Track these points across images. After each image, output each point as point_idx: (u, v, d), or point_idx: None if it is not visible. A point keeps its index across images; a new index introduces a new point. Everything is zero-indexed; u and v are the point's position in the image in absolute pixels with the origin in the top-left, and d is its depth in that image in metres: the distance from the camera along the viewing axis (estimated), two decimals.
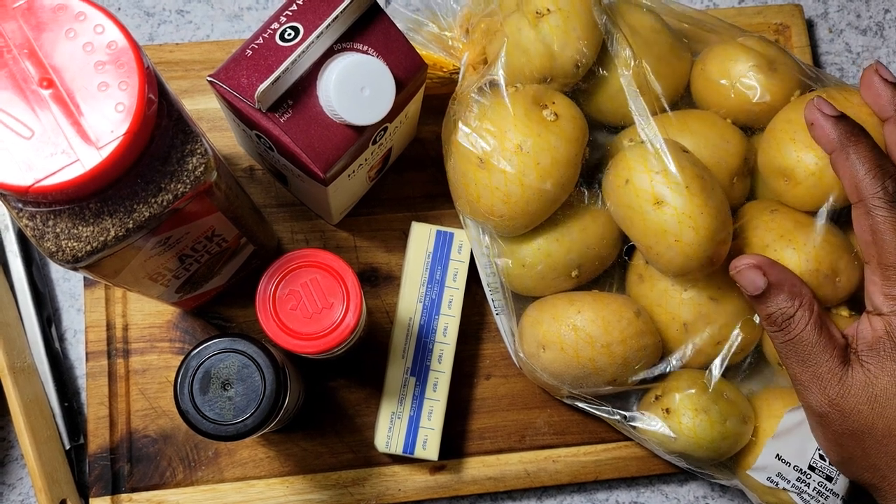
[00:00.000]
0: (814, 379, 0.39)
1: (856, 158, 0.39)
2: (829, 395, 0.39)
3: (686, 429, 0.45)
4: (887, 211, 0.38)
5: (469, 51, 0.47)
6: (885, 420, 0.37)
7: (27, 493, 0.52)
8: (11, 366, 0.50)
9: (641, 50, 0.46)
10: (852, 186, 0.39)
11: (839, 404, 0.38)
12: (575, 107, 0.45)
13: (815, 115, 0.40)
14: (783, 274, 0.40)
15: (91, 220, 0.32)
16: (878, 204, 0.38)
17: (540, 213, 0.45)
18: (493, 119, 0.44)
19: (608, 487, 0.54)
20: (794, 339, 0.39)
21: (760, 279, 0.40)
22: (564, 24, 0.43)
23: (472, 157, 0.44)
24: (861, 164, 0.39)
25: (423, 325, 0.50)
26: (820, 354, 0.39)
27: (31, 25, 0.30)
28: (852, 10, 0.62)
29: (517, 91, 0.44)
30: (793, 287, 0.40)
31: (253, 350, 0.39)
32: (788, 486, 0.46)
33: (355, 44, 0.41)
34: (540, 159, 0.43)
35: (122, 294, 0.52)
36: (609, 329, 0.44)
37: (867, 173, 0.38)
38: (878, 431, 0.38)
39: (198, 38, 0.58)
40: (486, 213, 0.45)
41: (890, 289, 0.38)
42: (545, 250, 0.46)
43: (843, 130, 0.39)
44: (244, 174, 0.54)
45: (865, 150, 0.39)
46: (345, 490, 0.51)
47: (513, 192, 0.43)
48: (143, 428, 0.51)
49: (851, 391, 0.38)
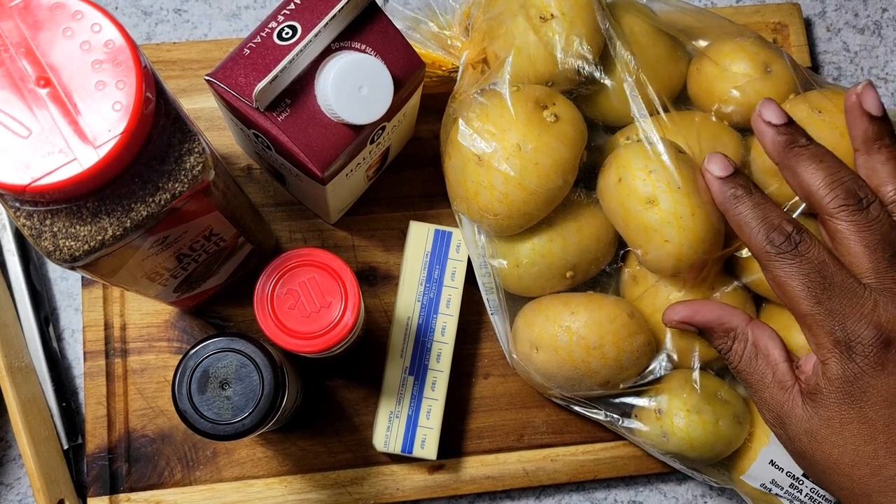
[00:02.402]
0: (762, 402, 0.40)
1: (742, 217, 0.39)
2: (776, 417, 0.39)
3: (678, 430, 0.45)
4: (781, 264, 0.37)
5: (468, 49, 0.47)
6: (823, 454, 0.37)
7: (25, 493, 0.52)
8: (9, 366, 0.49)
9: (638, 51, 0.46)
10: (746, 243, 0.39)
11: (786, 428, 0.39)
12: (575, 109, 0.45)
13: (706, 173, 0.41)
14: (709, 315, 0.41)
15: (88, 219, 0.32)
16: (770, 257, 0.38)
17: (536, 214, 0.45)
18: (493, 119, 0.44)
19: (606, 486, 0.54)
20: (737, 368, 0.41)
21: (689, 328, 0.42)
22: (568, 29, 0.43)
23: (470, 155, 0.44)
24: (751, 218, 0.39)
25: (421, 325, 0.50)
26: (760, 381, 0.39)
27: (28, 24, 0.30)
28: (850, 9, 0.62)
29: (518, 91, 0.44)
30: (721, 324, 0.41)
31: (251, 349, 0.39)
32: (781, 493, 0.46)
33: (353, 43, 0.41)
34: (539, 160, 0.43)
35: (119, 293, 0.52)
36: (602, 331, 0.44)
37: (755, 227, 0.38)
38: (818, 463, 0.38)
39: (195, 37, 0.58)
40: (483, 212, 0.45)
41: (815, 338, 0.37)
42: (540, 250, 0.46)
43: (730, 189, 0.40)
44: (242, 173, 0.54)
45: (749, 207, 0.39)
46: (343, 489, 0.51)
47: (510, 192, 0.43)
48: (142, 427, 0.51)
49: (792, 419, 0.38)
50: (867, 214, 0.37)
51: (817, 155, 0.39)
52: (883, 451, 0.36)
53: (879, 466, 0.36)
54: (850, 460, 0.36)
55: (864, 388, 0.36)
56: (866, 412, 0.36)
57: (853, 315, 0.36)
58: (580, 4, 0.44)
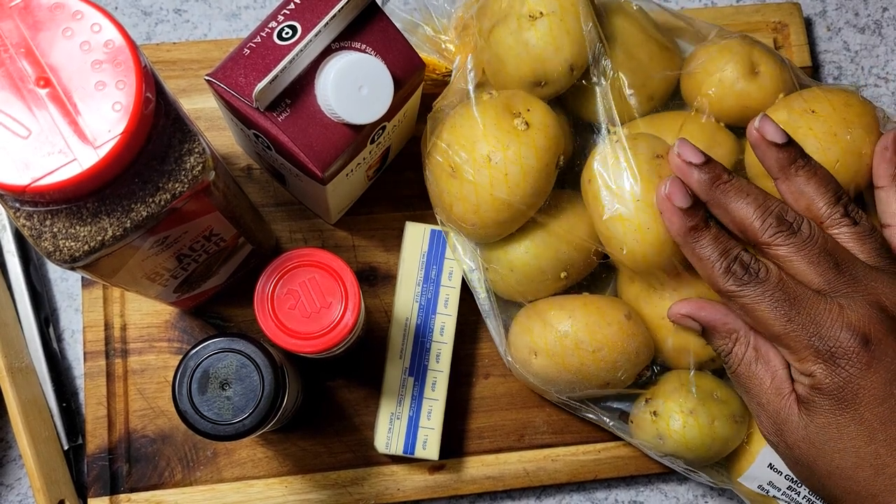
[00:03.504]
0: (759, 408, 0.40)
1: (701, 252, 0.39)
2: (773, 424, 0.39)
3: (674, 431, 0.45)
4: (746, 294, 0.38)
5: (461, 54, 0.47)
6: (824, 461, 0.37)
7: (25, 494, 0.52)
8: (9, 366, 0.49)
9: (630, 50, 0.46)
10: (707, 279, 0.40)
11: (783, 436, 0.39)
12: (550, 114, 0.45)
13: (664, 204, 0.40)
14: (713, 314, 0.41)
15: (88, 219, 0.32)
16: (733, 290, 0.38)
17: (511, 223, 0.45)
18: (463, 131, 0.44)
19: (607, 486, 0.54)
20: (735, 372, 0.41)
21: (694, 324, 0.42)
22: (558, 27, 0.43)
23: (444, 166, 0.44)
24: (710, 251, 0.39)
25: (420, 325, 0.50)
26: (758, 387, 0.39)
27: (28, 24, 0.30)
28: (850, 8, 0.62)
29: (491, 99, 0.44)
30: (724, 325, 0.41)
31: (251, 350, 0.39)
32: (779, 495, 0.46)
33: (353, 42, 0.41)
34: (508, 170, 0.43)
35: (119, 294, 0.52)
36: (601, 334, 0.44)
37: (715, 261, 0.39)
38: (819, 470, 0.38)
39: (195, 37, 0.58)
40: (459, 222, 0.45)
41: (796, 354, 0.38)
42: (532, 252, 0.46)
43: (689, 223, 0.39)
44: (242, 173, 0.54)
45: (709, 241, 0.39)
46: (344, 490, 0.51)
47: (482, 203, 0.44)
48: (142, 428, 0.51)
49: (790, 427, 0.38)
50: (800, 234, 0.38)
51: (743, 188, 0.39)
52: (884, 449, 0.36)
53: (882, 465, 0.36)
54: (852, 463, 0.36)
55: (856, 391, 0.36)
56: (862, 413, 0.36)
57: (825, 322, 0.37)
58: (569, 2, 0.44)
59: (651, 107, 0.48)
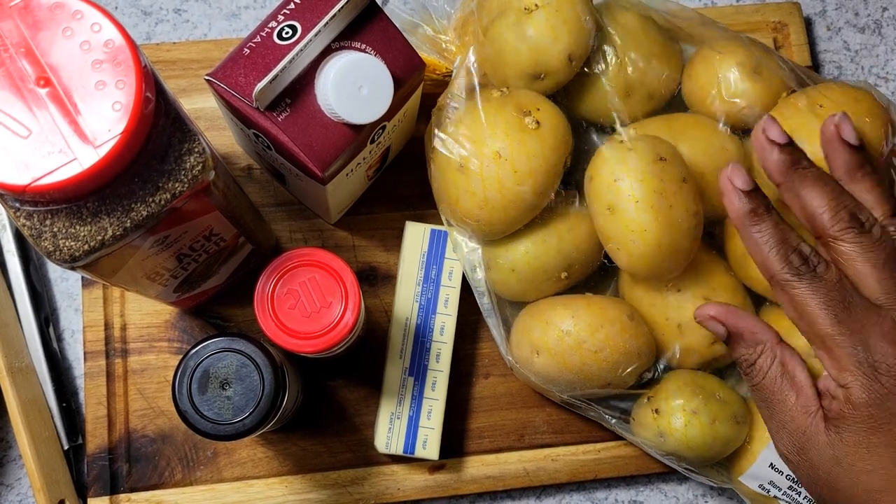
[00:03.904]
0: (780, 426, 0.38)
1: (759, 237, 0.38)
2: (795, 443, 0.38)
3: (676, 430, 0.45)
4: (799, 286, 0.37)
5: (461, 54, 0.47)
6: (850, 481, 0.36)
7: (25, 494, 0.52)
8: (9, 366, 0.49)
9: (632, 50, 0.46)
10: (761, 265, 0.38)
11: (806, 454, 0.37)
12: (560, 115, 0.45)
13: (726, 185, 0.39)
14: (742, 322, 0.39)
15: (88, 219, 0.32)
16: (788, 279, 0.37)
17: (518, 219, 0.45)
18: (472, 126, 0.44)
19: (607, 486, 0.54)
20: (758, 386, 0.39)
21: (720, 328, 0.40)
22: (555, 17, 0.43)
23: (451, 161, 0.44)
24: (769, 238, 0.38)
25: (420, 325, 0.50)
26: (782, 403, 0.38)
27: (28, 24, 0.30)
28: (850, 7, 0.62)
29: (501, 96, 0.44)
30: (752, 335, 0.39)
31: (251, 349, 0.39)
32: (780, 494, 0.46)
33: (353, 42, 0.41)
34: (518, 167, 0.43)
35: (120, 294, 0.52)
36: (604, 334, 0.44)
37: (772, 249, 0.37)
38: (843, 491, 0.36)
39: (195, 36, 0.58)
40: (465, 217, 0.45)
41: (836, 361, 0.36)
42: (533, 252, 0.46)
43: (749, 206, 0.38)
44: (242, 173, 0.54)
45: (768, 227, 0.38)
46: (344, 489, 0.51)
47: (490, 198, 0.44)
48: (142, 428, 0.51)
49: (815, 446, 0.37)
50: (871, 235, 0.37)
51: (820, 178, 0.38)
52: None
53: None
54: (880, 485, 0.35)
55: (893, 410, 0.35)
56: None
57: (873, 334, 0.35)
58: None
59: (651, 106, 0.48)
